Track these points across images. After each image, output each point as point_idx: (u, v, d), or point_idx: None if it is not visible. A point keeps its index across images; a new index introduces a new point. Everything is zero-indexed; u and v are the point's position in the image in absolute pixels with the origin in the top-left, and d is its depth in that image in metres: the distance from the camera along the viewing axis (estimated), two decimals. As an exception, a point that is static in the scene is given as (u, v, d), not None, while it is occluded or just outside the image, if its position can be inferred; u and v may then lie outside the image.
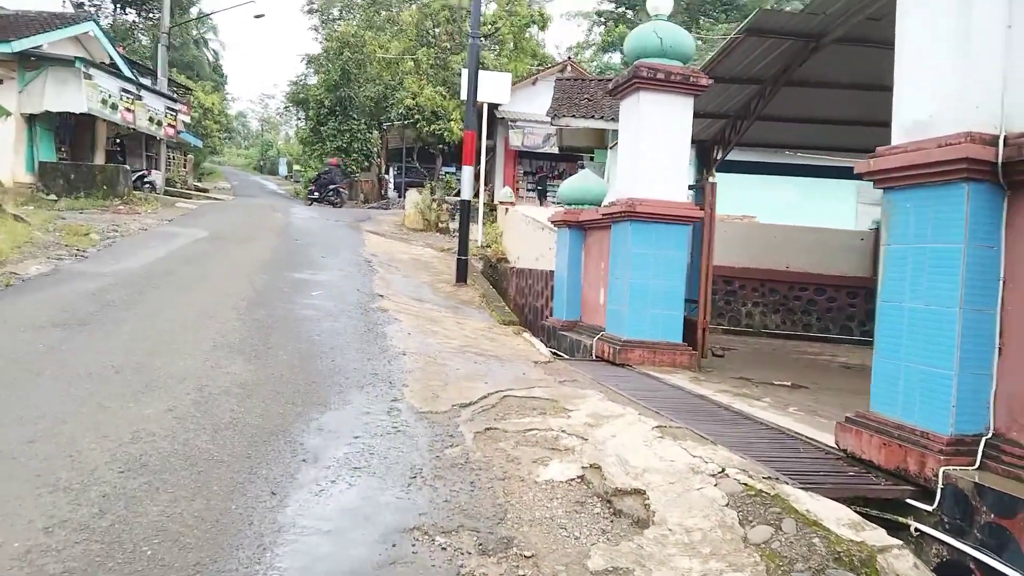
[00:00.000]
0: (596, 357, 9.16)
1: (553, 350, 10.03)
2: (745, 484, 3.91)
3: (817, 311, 16.70)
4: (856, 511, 3.79)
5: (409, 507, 3.93)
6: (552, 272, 11.80)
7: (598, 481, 4.27)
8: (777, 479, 4.09)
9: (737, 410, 6.20)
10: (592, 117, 20.40)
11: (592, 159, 24.28)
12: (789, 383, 8.03)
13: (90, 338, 7.03)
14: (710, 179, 8.71)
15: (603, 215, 9.27)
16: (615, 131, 21.23)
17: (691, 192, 9.31)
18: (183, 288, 9.73)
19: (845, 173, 18.68)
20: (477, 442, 4.98)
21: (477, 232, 17.71)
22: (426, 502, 4.00)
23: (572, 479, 4.35)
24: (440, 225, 21.48)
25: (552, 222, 11.45)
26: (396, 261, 14.63)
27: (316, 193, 29.60)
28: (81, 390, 5.52)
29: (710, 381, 7.81)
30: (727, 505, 3.74)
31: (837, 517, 3.60)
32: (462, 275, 12.93)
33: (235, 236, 15.76)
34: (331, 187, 29.58)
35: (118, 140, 25.81)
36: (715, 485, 3.93)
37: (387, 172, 39.04)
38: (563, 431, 5.12)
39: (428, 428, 5.26)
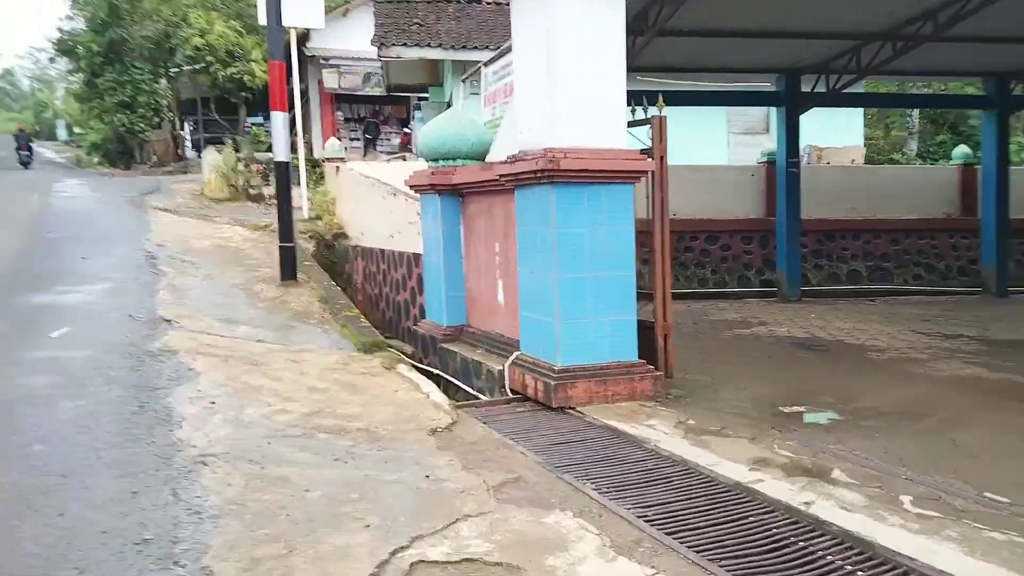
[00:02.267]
0: (512, 392, 6.15)
1: (456, 400, 6.94)
2: None
3: (711, 262, 14.54)
4: None
5: None
6: (419, 256, 8.56)
7: None
8: None
9: (840, 529, 3.42)
10: (427, 45, 16.94)
11: (427, 99, 20.83)
12: (825, 419, 5.44)
13: None
14: (658, 110, 5.86)
15: (501, 175, 6.16)
16: (456, 62, 17.96)
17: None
18: None
19: (721, 99, 16.60)
20: None
21: (301, 200, 13.97)
22: None
23: None
24: (251, 192, 17.35)
25: (412, 186, 8.17)
26: (193, 252, 10.77)
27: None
28: None
29: (706, 427, 5.06)
30: None
31: None
32: (289, 269, 9.38)
33: (-48, 234, 11.15)
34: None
35: None
36: None
37: (182, 128, 33.40)
38: None
39: None
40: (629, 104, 5.92)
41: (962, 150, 15.80)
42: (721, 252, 14.56)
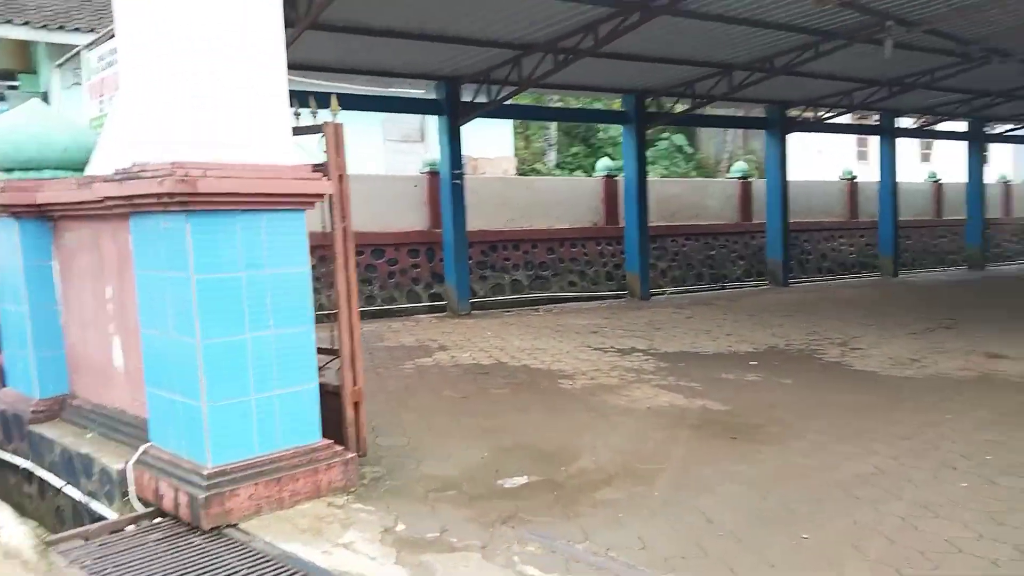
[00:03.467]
0: (144, 503, 4.34)
1: (54, 523, 4.89)
2: None
3: (378, 278, 13.48)
4: None
5: None
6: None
7: None
8: None
9: None
10: (10, 22, 13.41)
11: (16, 88, 16.76)
12: (554, 496, 4.53)
13: None
14: (332, 114, 4.46)
15: (108, 198, 4.30)
16: (54, 45, 14.57)
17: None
18: None
19: (381, 104, 15.50)
20: None
21: None
22: None
23: None
24: None
25: (-27, 206, 5.74)
26: None
27: None
28: None
29: (422, 533, 3.85)
30: None
31: None
32: None
33: None
34: None
35: None
36: None
37: None
38: None
39: None
40: (292, 106, 4.46)
41: (604, 163, 16.71)
42: (388, 267, 13.56)
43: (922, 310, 12.68)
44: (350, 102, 12.57)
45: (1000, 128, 22.24)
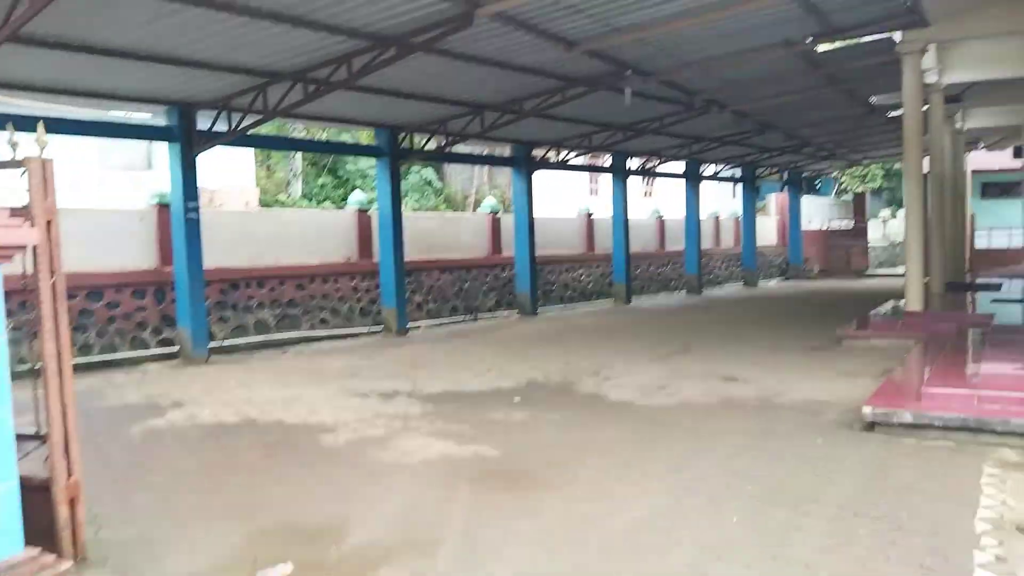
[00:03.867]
0: None
1: None
2: None
3: (95, 324, 11.76)
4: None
5: None
6: None
7: None
8: None
9: None
10: None
11: None
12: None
13: None
14: (40, 146, 3.53)
15: None
16: None
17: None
18: None
19: (103, 130, 13.53)
20: None
21: None
22: None
23: None
24: None
25: None
26: None
27: None
28: None
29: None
30: None
31: None
32: None
33: None
34: None
35: None
36: None
37: None
38: None
39: None
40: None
41: (357, 196, 16.20)
42: (108, 311, 11.89)
43: (658, 335, 13.61)
44: (64, 127, 10.92)
45: (711, 169, 24.98)
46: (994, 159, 27.82)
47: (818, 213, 35.26)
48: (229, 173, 19.56)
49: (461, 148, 19.36)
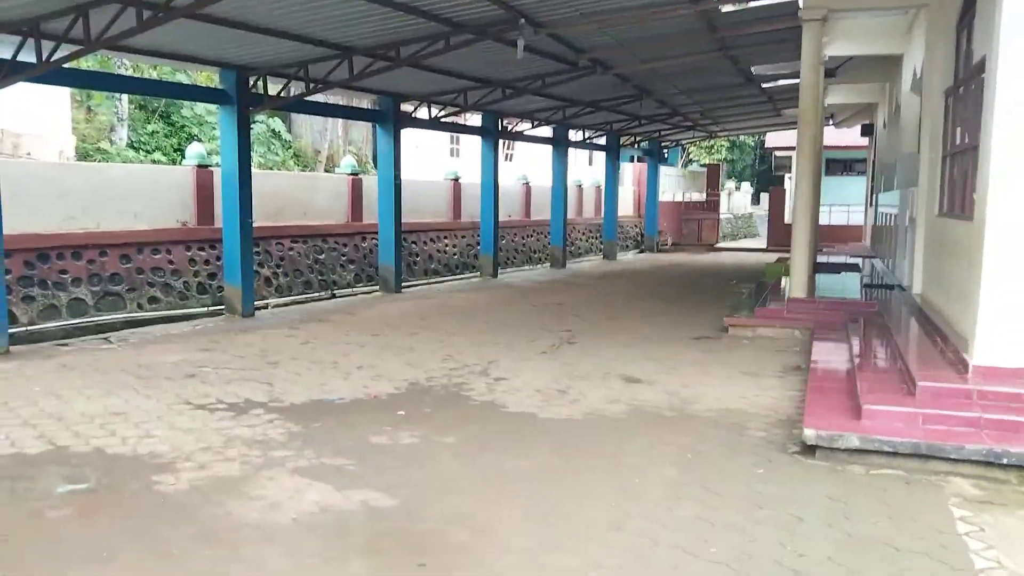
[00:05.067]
0: None
1: None
2: None
3: None
4: None
5: None
6: None
7: None
8: None
9: None
10: None
11: None
12: None
13: None
14: None
15: None
16: None
17: None
18: None
19: None
20: None
21: None
22: None
23: None
24: None
25: None
26: None
27: None
28: None
29: None
30: None
31: None
32: None
33: None
34: None
35: None
36: None
37: None
38: None
39: None
40: None
41: (197, 149, 14.04)
42: None
43: (537, 319, 12.69)
44: None
45: (578, 136, 24.26)
46: (841, 136, 28.92)
47: (667, 184, 35.76)
48: (39, 114, 16.59)
49: (318, 98, 17.46)
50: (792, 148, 36.22)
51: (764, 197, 51.65)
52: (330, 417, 6.83)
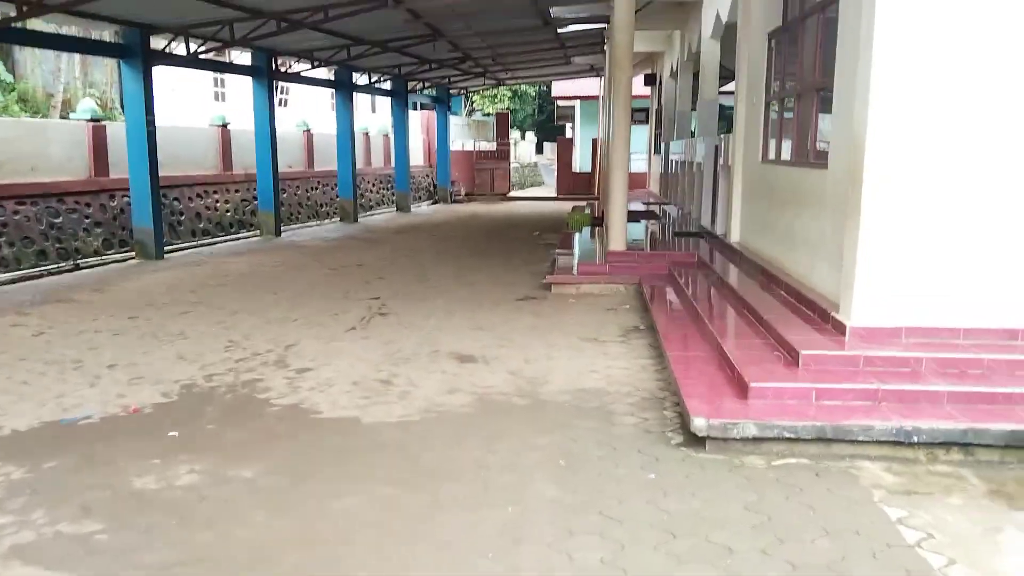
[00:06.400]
0: None
1: None
2: None
3: None
4: None
5: None
6: None
7: None
8: None
9: None
10: None
11: None
12: None
13: None
14: None
15: None
16: None
17: None
18: None
19: None
20: None
21: None
22: None
23: None
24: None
25: None
26: None
27: None
28: None
29: None
30: None
31: None
32: None
33: None
34: None
35: None
36: None
37: None
38: None
39: None
40: None
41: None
42: None
43: (337, 285, 11.03)
44: None
45: (364, 80, 22.21)
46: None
47: (455, 133, 34.58)
48: None
49: (43, 27, 14.13)
50: (578, 97, 36.57)
51: (547, 146, 52.27)
52: (72, 449, 4.90)
